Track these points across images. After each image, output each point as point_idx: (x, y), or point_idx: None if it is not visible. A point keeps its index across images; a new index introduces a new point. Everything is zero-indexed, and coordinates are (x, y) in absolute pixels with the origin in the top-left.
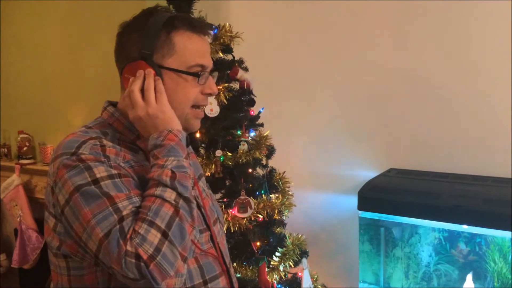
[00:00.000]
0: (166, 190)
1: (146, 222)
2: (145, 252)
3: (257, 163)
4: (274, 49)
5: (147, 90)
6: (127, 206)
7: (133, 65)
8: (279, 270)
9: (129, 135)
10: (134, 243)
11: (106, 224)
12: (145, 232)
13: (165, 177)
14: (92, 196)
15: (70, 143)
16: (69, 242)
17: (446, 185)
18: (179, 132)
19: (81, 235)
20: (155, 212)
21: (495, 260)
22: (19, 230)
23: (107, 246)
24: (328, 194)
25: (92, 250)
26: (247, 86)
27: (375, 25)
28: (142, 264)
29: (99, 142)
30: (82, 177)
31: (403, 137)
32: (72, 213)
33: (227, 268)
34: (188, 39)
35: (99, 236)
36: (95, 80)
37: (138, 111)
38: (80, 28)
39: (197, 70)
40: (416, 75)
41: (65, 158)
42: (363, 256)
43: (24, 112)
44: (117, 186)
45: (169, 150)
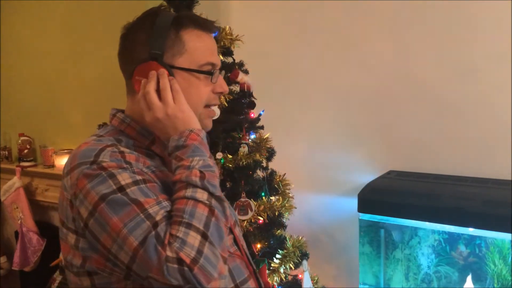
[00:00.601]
0: (197, 191)
1: (183, 225)
2: (187, 255)
3: (257, 166)
4: (274, 52)
5: (163, 90)
6: (158, 211)
7: (144, 66)
8: (280, 272)
9: (143, 140)
10: (174, 248)
11: (139, 231)
12: (184, 235)
13: (195, 178)
14: (119, 204)
15: (86, 152)
16: (96, 257)
17: (446, 187)
18: (200, 131)
19: (110, 247)
20: (191, 214)
21: (495, 262)
22: (20, 233)
23: (143, 254)
24: (328, 196)
25: (124, 262)
26: (248, 88)
27: (374, 27)
28: (185, 269)
29: (116, 148)
30: (106, 185)
31: (403, 139)
32: (98, 224)
33: (254, 269)
34: (197, 37)
35: (133, 245)
36: (96, 83)
37: (157, 113)
38: (80, 31)
39: (208, 68)
40: (416, 77)
41: (85, 167)
42: (363, 258)
43: (25, 114)
44: (143, 191)
45: (193, 150)
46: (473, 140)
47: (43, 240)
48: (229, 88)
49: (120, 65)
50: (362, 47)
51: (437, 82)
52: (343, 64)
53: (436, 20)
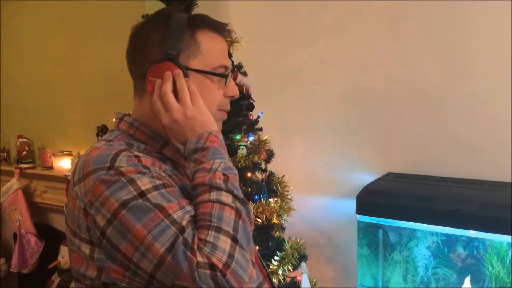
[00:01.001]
0: (222, 194)
1: (213, 229)
2: (219, 260)
3: (256, 167)
4: (273, 54)
5: (181, 91)
6: (183, 216)
7: (158, 67)
8: (278, 274)
9: (154, 144)
10: (205, 253)
11: (165, 238)
12: (215, 239)
13: (219, 180)
14: (142, 210)
15: (100, 158)
16: (113, 267)
17: (444, 189)
18: (218, 133)
19: (132, 255)
20: (218, 217)
21: (493, 264)
22: (18, 235)
23: (171, 261)
24: (326, 198)
25: (146, 271)
26: (246, 90)
27: (373, 29)
28: (218, 274)
29: (131, 153)
30: (126, 191)
31: (401, 142)
32: (117, 233)
33: (267, 273)
34: (212, 39)
35: (159, 253)
36: (95, 85)
37: (175, 115)
38: (79, 32)
39: (221, 71)
40: (414, 79)
41: (102, 173)
42: (362, 260)
43: (24, 116)
44: (165, 196)
45: (214, 152)
46: (471, 142)
47: (42, 242)
48: None
49: (129, 65)
50: (361, 49)
51: (435, 84)
52: (342, 66)
53: (435, 21)
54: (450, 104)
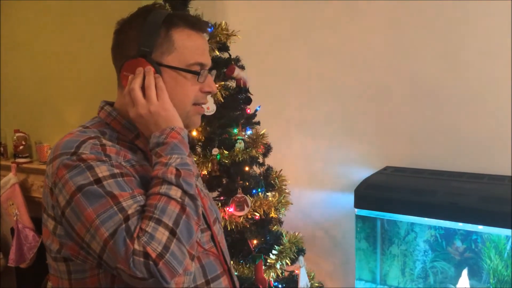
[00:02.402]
0: (171, 188)
1: (153, 220)
2: (154, 250)
3: (253, 161)
4: (270, 47)
5: (148, 88)
6: (131, 205)
7: (132, 63)
8: (276, 268)
9: (127, 134)
10: (142, 242)
11: (111, 223)
12: (153, 230)
13: (170, 175)
14: (95, 196)
15: (69, 143)
16: (70, 245)
17: (442, 183)
18: (181, 129)
19: (84, 236)
20: (162, 210)
21: (491, 257)
22: (15, 229)
23: (112, 246)
24: (324, 192)
25: (95, 251)
26: (244, 84)
27: (371, 23)
28: (151, 263)
29: (98, 141)
30: (84, 177)
31: (399, 135)
32: (73, 214)
33: (228, 267)
34: (187, 36)
35: (104, 236)
36: (92, 79)
37: (139, 109)
38: (77, 27)
39: (196, 68)
40: (412, 73)
41: (65, 158)
42: (360, 254)
43: (20, 110)
44: (120, 185)
45: (172, 148)
46: (469, 136)
47: (39, 236)
48: (225, 84)
49: (112, 60)
50: (358, 43)
51: (433, 78)
52: (339, 60)
53: (433, 16)
54: (448, 98)
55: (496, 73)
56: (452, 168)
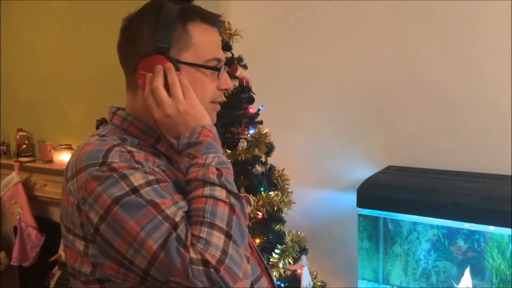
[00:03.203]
0: (215, 189)
1: (206, 225)
2: (213, 256)
3: (256, 161)
4: (273, 47)
5: (173, 86)
6: (176, 212)
7: (149, 61)
8: (279, 267)
9: (147, 139)
10: (198, 249)
11: (158, 234)
12: (208, 235)
13: (212, 175)
14: (135, 206)
15: (93, 153)
16: (108, 264)
17: (445, 182)
18: (212, 127)
19: (125, 252)
20: (212, 213)
21: (493, 257)
22: (18, 228)
23: (164, 258)
24: (327, 191)
25: (140, 267)
26: (246, 83)
27: (373, 22)
28: (211, 270)
29: (124, 148)
30: (118, 187)
31: (402, 135)
32: (111, 229)
33: (265, 266)
34: (204, 31)
35: (152, 249)
36: (94, 78)
37: (167, 109)
38: (79, 26)
39: (214, 64)
40: (415, 72)
41: (94, 170)
42: (362, 253)
43: (23, 110)
44: (158, 192)
45: (207, 146)
46: (472, 136)
47: (42, 235)
48: None
49: (120, 59)
50: (362, 42)
51: (436, 77)
52: (342, 59)
53: (435, 15)
54: (450, 98)
55: (499, 73)
56: (455, 168)
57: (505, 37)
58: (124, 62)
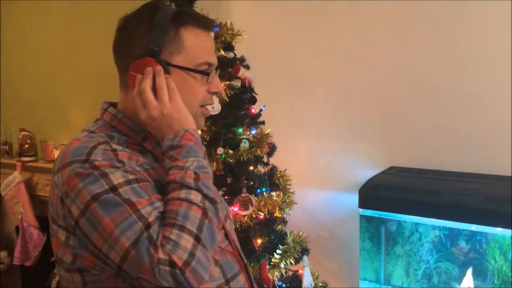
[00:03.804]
0: (191, 193)
1: (177, 227)
2: (179, 258)
3: (258, 161)
4: (275, 47)
5: (160, 89)
6: (151, 212)
7: (140, 62)
8: (280, 267)
9: (135, 137)
10: (167, 250)
11: (131, 232)
12: (177, 238)
13: (189, 179)
14: (112, 204)
15: (78, 150)
16: (86, 255)
17: (447, 183)
18: (195, 131)
19: (101, 246)
20: (184, 216)
21: (495, 258)
22: (20, 228)
23: (135, 256)
24: (329, 192)
25: (114, 262)
26: (249, 84)
27: (375, 23)
28: (177, 271)
29: (109, 146)
30: (98, 185)
31: (404, 135)
32: (89, 224)
33: (244, 264)
34: (196, 35)
35: (125, 246)
36: (97, 78)
37: (152, 111)
38: (81, 26)
39: (205, 68)
40: (417, 73)
41: (77, 166)
42: (364, 254)
43: (26, 109)
44: (136, 191)
45: (188, 150)
46: (474, 136)
47: (44, 235)
48: (230, 83)
49: (115, 58)
50: (364, 43)
51: (438, 78)
52: (344, 60)
53: (437, 16)
54: (452, 98)
55: (499, 74)
56: (456, 169)
57: (505, 38)
58: (118, 61)
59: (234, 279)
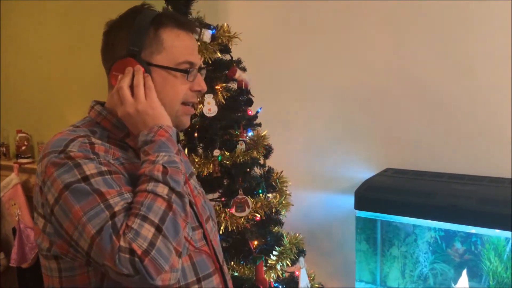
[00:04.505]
0: (158, 185)
1: (139, 217)
2: (139, 247)
3: (254, 163)
4: (272, 49)
5: (136, 87)
6: (118, 202)
7: (121, 63)
8: (277, 269)
9: (118, 133)
10: (128, 238)
11: (97, 220)
12: (139, 227)
13: (157, 172)
14: (82, 193)
15: (58, 142)
16: (60, 242)
17: (443, 185)
18: (169, 127)
19: (72, 233)
20: (148, 207)
21: (490, 259)
22: (17, 229)
23: (99, 243)
24: (325, 194)
25: (83, 249)
26: (245, 86)
27: (371, 25)
28: (136, 259)
29: (87, 140)
30: (71, 174)
31: (400, 137)
32: (62, 211)
33: (220, 266)
34: (176, 36)
35: (91, 233)
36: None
37: (127, 108)
38: (78, 28)
39: (185, 67)
40: (413, 74)
41: (53, 156)
42: (360, 255)
43: (23, 111)
44: (107, 182)
45: (160, 145)
46: (470, 138)
47: None
48: (226, 85)
49: (102, 61)
50: (360, 45)
51: (434, 80)
52: (341, 62)
53: (433, 17)
54: (448, 100)
55: (496, 75)
56: (452, 170)
57: (502, 40)
58: (104, 64)
59: (206, 279)
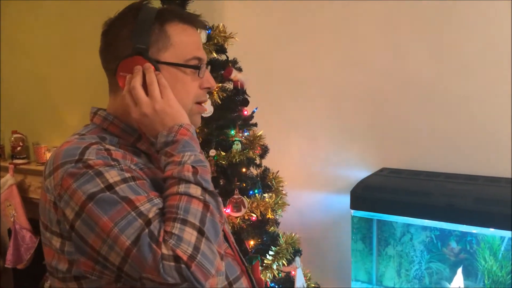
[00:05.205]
0: (190, 186)
1: (179, 221)
2: (184, 252)
3: (250, 163)
4: (267, 50)
5: (150, 85)
6: (150, 208)
7: (128, 62)
8: (273, 268)
9: (128, 138)
10: (170, 245)
11: (131, 230)
12: (180, 232)
13: (187, 173)
14: (109, 203)
15: (70, 151)
16: (83, 260)
17: (438, 184)
18: (189, 126)
19: (100, 248)
20: (185, 210)
21: (485, 258)
22: (13, 230)
23: (136, 254)
24: (321, 193)
25: (114, 264)
26: (241, 86)
27: (367, 25)
28: (183, 266)
29: (102, 146)
30: (93, 184)
31: (396, 137)
32: (85, 225)
33: (246, 268)
34: (183, 31)
35: (125, 245)
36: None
37: (144, 108)
38: (75, 28)
39: (195, 63)
40: (408, 74)
41: (69, 166)
42: (356, 255)
43: (18, 112)
44: (133, 189)
45: (184, 145)
46: (465, 138)
47: (36, 237)
48: (222, 85)
49: (102, 63)
50: (356, 45)
51: (430, 80)
52: (336, 62)
53: (429, 17)
54: (444, 100)
55: (492, 74)
56: (448, 170)
57: (497, 40)
58: (105, 66)
59: (236, 281)
